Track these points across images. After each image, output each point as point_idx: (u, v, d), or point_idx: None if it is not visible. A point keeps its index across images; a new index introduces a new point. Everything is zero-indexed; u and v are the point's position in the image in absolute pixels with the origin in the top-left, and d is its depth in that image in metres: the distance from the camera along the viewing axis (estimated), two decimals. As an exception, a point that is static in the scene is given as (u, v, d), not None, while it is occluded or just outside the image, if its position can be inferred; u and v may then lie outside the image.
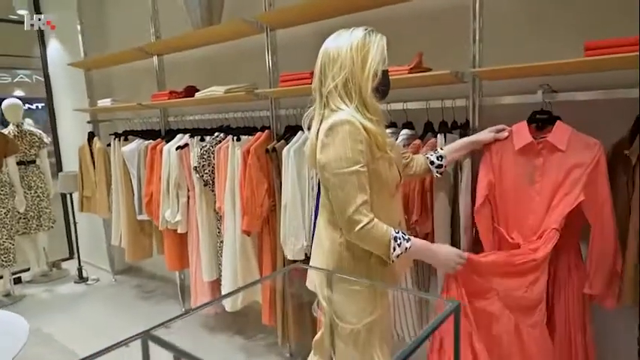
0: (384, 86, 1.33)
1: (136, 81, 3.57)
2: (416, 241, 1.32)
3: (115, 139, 3.36)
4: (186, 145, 2.75)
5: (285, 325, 2.39)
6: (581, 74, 1.59)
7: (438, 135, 1.73)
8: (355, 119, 1.23)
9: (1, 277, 3.66)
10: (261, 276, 2.47)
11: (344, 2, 1.97)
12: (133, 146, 3.15)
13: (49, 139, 4.06)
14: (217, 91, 2.47)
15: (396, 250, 1.25)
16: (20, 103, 3.83)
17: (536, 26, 1.72)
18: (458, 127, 1.82)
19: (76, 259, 4.09)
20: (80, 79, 3.78)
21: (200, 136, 2.71)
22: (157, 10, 3.04)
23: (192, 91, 2.74)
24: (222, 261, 2.58)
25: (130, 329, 0.78)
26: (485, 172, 1.63)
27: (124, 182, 3.31)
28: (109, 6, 3.78)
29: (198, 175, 2.59)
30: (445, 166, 1.60)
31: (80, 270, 4.04)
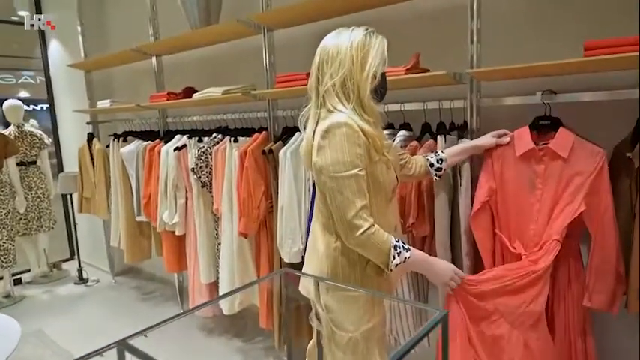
0: (382, 88, 1.30)
1: (136, 82, 3.57)
2: (415, 252, 1.29)
3: (114, 140, 3.35)
4: (184, 146, 2.74)
5: (281, 328, 2.37)
6: (581, 75, 1.56)
7: (438, 137, 1.70)
8: (353, 122, 1.19)
9: (1, 278, 3.66)
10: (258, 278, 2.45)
11: (341, 3, 1.94)
12: (131, 147, 3.14)
13: (49, 140, 4.06)
14: (215, 92, 2.45)
15: (396, 259, 1.22)
16: (21, 103, 3.83)
17: (535, 26, 1.69)
18: (456, 129, 1.79)
19: (77, 259, 4.09)
20: (81, 80, 3.78)
21: (198, 138, 2.69)
22: (155, 10, 3.03)
23: (190, 92, 2.72)
24: (220, 263, 2.56)
25: (129, 331, 0.76)
26: (486, 179, 1.61)
27: (123, 183, 3.30)
28: (110, 7, 3.78)
29: (195, 176, 2.57)
30: (444, 169, 1.58)
31: (80, 271, 4.04)
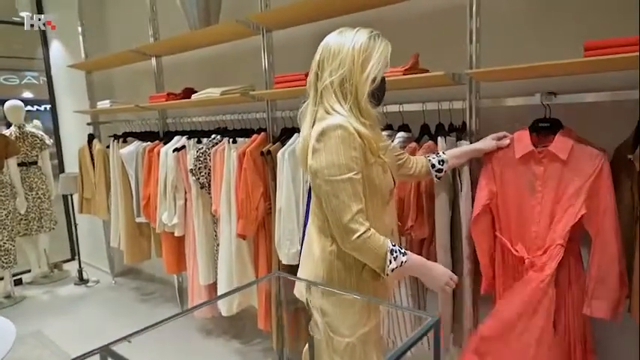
0: (380, 92, 1.29)
1: (136, 83, 3.56)
2: (412, 257, 1.27)
3: (114, 141, 3.35)
4: (184, 147, 2.73)
5: (280, 330, 2.35)
6: (581, 76, 1.54)
7: (439, 138, 1.69)
8: (349, 124, 1.17)
9: (1, 279, 3.66)
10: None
11: (340, 3, 1.93)
12: (131, 148, 3.13)
13: (50, 141, 4.06)
14: (213, 92, 2.44)
15: (392, 263, 1.20)
16: (21, 104, 3.83)
17: (535, 26, 1.67)
18: (455, 130, 1.77)
19: (77, 260, 4.09)
20: (81, 81, 3.78)
21: (197, 138, 2.68)
22: (155, 11, 3.02)
23: (189, 93, 2.71)
24: (218, 265, 2.55)
25: (128, 332, 0.74)
26: (486, 181, 1.60)
27: (122, 184, 3.29)
28: (110, 7, 3.78)
29: (194, 177, 2.56)
30: (445, 170, 1.57)
31: (80, 272, 4.04)
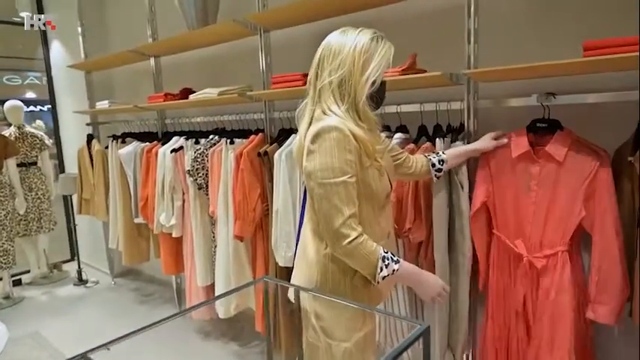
0: (379, 96, 1.26)
1: (136, 83, 3.55)
2: (405, 265, 1.24)
3: (113, 142, 3.34)
4: (181, 147, 2.71)
5: (277, 332, 2.34)
6: (581, 76, 1.52)
7: (437, 139, 1.68)
8: (345, 126, 1.15)
9: (0, 279, 3.65)
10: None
11: (338, 3, 1.91)
12: (129, 149, 3.12)
13: (50, 141, 4.06)
14: (211, 93, 2.43)
15: (383, 270, 1.17)
16: (21, 104, 3.83)
17: (534, 26, 1.65)
18: (452, 131, 1.75)
19: (77, 261, 4.09)
20: (81, 81, 3.77)
21: (195, 139, 2.67)
22: (153, 11, 3.01)
23: (187, 93, 2.70)
24: (216, 266, 2.53)
25: (126, 333, 0.73)
26: (483, 180, 1.60)
27: (121, 185, 3.28)
28: (110, 7, 3.77)
29: (192, 178, 2.55)
30: (444, 170, 1.56)
31: (80, 272, 4.03)
